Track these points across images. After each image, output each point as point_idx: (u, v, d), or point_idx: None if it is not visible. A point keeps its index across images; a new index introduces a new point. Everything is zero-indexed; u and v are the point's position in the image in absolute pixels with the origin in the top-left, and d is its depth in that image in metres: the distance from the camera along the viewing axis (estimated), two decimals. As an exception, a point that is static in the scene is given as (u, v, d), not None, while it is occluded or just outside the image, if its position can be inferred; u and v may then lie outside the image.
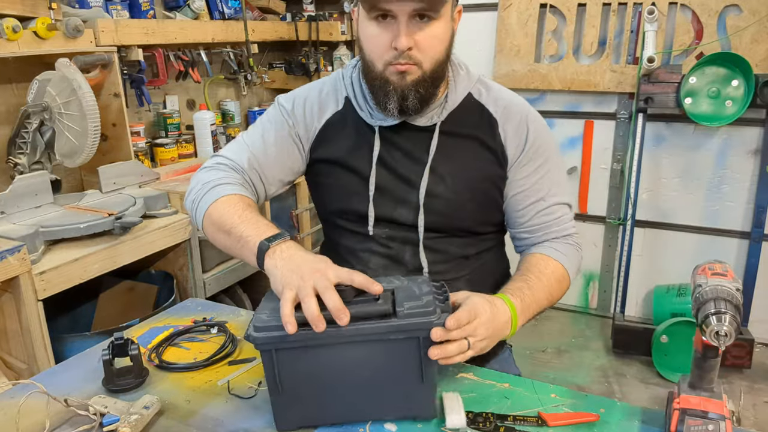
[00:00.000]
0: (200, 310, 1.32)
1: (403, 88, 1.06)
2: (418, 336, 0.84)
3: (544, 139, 1.18)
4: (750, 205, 2.70)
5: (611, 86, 2.78)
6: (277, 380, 0.86)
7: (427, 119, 1.15)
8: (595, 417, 0.89)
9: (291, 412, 0.88)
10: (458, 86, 1.17)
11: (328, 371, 0.86)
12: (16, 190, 1.84)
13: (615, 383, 2.56)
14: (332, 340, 0.83)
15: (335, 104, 1.22)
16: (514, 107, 1.18)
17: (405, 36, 1.00)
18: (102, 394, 0.98)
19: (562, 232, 1.20)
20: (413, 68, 1.05)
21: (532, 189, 1.18)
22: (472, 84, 1.19)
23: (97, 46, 2.15)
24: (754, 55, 2.50)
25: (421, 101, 1.08)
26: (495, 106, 1.17)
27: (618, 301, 2.78)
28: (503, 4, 2.90)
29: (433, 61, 1.06)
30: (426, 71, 1.06)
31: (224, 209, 1.06)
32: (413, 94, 1.06)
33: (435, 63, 1.06)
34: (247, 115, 3.21)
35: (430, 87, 1.08)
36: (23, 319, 1.63)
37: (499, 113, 1.17)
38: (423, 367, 0.86)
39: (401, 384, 0.88)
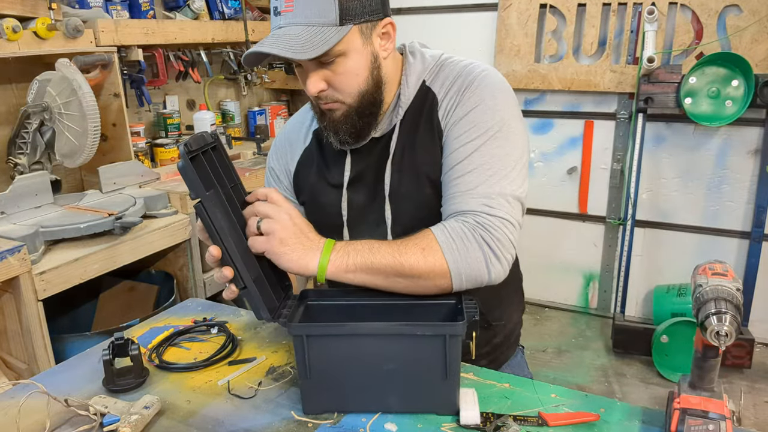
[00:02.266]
0: (200, 310, 1.32)
1: (334, 123, 1.05)
2: (444, 334, 0.87)
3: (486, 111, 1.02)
4: (750, 205, 2.70)
5: (611, 86, 2.78)
6: (307, 365, 0.90)
7: (387, 124, 1.11)
8: (595, 417, 0.89)
9: (318, 397, 0.92)
10: (410, 79, 1.10)
11: (355, 360, 0.90)
12: (17, 191, 1.84)
13: (615, 383, 2.56)
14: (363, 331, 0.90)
15: (303, 142, 1.21)
16: (460, 77, 1.06)
17: (310, 84, 1.00)
18: (102, 394, 0.98)
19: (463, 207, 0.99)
20: (335, 105, 1.04)
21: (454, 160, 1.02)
22: (426, 71, 1.10)
23: (97, 47, 2.15)
24: (754, 55, 2.50)
25: (353, 135, 1.06)
26: (438, 83, 1.09)
27: (618, 301, 2.78)
28: (503, 4, 2.90)
29: (354, 96, 1.02)
30: (351, 105, 1.03)
31: None
32: (343, 127, 1.05)
33: (358, 96, 1.03)
34: (247, 115, 3.21)
35: (359, 120, 1.05)
36: (23, 319, 1.63)
37: (440, 89, 1.08)
38: (447, 364, 0.89)
39: (425, 379, 0.91)
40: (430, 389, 0.91)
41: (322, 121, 1.08)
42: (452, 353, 0.88)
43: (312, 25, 0.95)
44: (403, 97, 1.09)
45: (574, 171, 3.03)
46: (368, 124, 1.07)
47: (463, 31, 3.10)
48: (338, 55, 0.97)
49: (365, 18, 0.98)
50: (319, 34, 0.94)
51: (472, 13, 3.02)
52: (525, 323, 1.36)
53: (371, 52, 1.01)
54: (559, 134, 3.02)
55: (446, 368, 0.89)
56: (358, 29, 0.98)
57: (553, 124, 3.02)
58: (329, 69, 0.99)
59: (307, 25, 0.95)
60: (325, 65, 0.99)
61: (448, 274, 0.96)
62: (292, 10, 0.95)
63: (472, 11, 3.02)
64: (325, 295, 1.03)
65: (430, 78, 1.11)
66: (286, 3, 0.95)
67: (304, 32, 0.94)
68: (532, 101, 3.04)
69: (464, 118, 1.03)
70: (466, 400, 0.91)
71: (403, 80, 1.10)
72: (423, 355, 0.89)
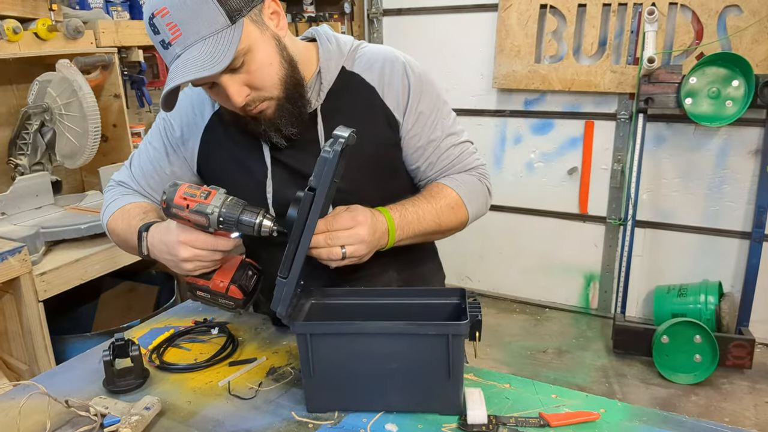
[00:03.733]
0: (201, 311, 1.32)
1: (271, 123, 1.03)
2: (448, 333, 0.88)
3: (425, 90, 1.14)
4: (750, 205, 2.70)
5: (611, 87, 2.78)
6: (310, 364, 0.90)
7: None
8: (596, 417, 0.89)
9: (321, 395, 0.93)
10: (331, 63, 1.10)
11: (358, 359, 0.91)
12: (17, 191, 1.84)
13: (616, 383, 2.56)
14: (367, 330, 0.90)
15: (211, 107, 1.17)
16: (388, 67, 1.12)
17: (234, 95, 0.97)
18: (103, 395, 0.98)
19: (465, 167, 1.19)
20: (264, 104, 1.01)
21: (426, 139, 1.15)
22: (344, 57, 1.12)
23: (98, 47, 2.15)
24: (755, 55, 2.50)
25: (294, 123, 1.05)
26: (370, 73, 1.12)
27: (619, 302, 2.78)
28: (503, 5, 2.90)
29: (277, 86, 1.01)
30: (280, 97, 1.02)
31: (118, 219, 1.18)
32: (282, 121, 1.03)
33: (280, 84, 1.01)
34: (248, 115, 3.21)
35: (293, 106, 1.04)
36: (24, 320, 1.63)
37: (374, 79, 1.12)
38: (450, 364, 0.89)
39: (428, 378, 0.91)
40: (433, 389, 0.91)
41: (258, 126, 1.05)
42: (455, 353, 0.88)
43: (207, 37, 0.91)
44: (324, 80, 1.09)
45: (575, 171, 3.03)
46: (303, 107, 1.06)
47: (463, 31, 3.10)
48: (245, 53, 0.95)
49: (249, 6, 0.96)
50: (219, 42, 0.92)
51: (473, 14, 3.02)
52: (525, 323, 1.36)
53: (271, 36, 1.00)
54: (560, 135, 3.02)
55: (449, 368, 0.89)
56: (249, 20, 0.96)
57: (553, 124, 3.02)
58: (242, 72, 0.97)
59: (203, 40, 0.91)
60: (237, 70, 0.96)
61: (467, 221, 1.18)
62: (180, 35, 0.91)
63: (473, 12, 3.02)
64: (329, 294, 1.03)
65: (350, 65, 1.13)
66: (171, 32, 0.91)
67: (204, 47, 0.91)
68: (533, 102, 3.04)
69: (423, 112, 1.14)
70: (473, 399, 0.92)
71: (323, 64, 1.10)
72: (426, 355, 0.89)
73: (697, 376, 2.51)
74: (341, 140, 0.88)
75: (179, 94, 1.13)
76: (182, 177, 1.20)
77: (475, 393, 0.93)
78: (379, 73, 1.12)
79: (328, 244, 0.95)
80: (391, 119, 1.12)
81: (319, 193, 0.88)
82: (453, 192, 1.15)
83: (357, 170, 1.07)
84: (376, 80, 1.12)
